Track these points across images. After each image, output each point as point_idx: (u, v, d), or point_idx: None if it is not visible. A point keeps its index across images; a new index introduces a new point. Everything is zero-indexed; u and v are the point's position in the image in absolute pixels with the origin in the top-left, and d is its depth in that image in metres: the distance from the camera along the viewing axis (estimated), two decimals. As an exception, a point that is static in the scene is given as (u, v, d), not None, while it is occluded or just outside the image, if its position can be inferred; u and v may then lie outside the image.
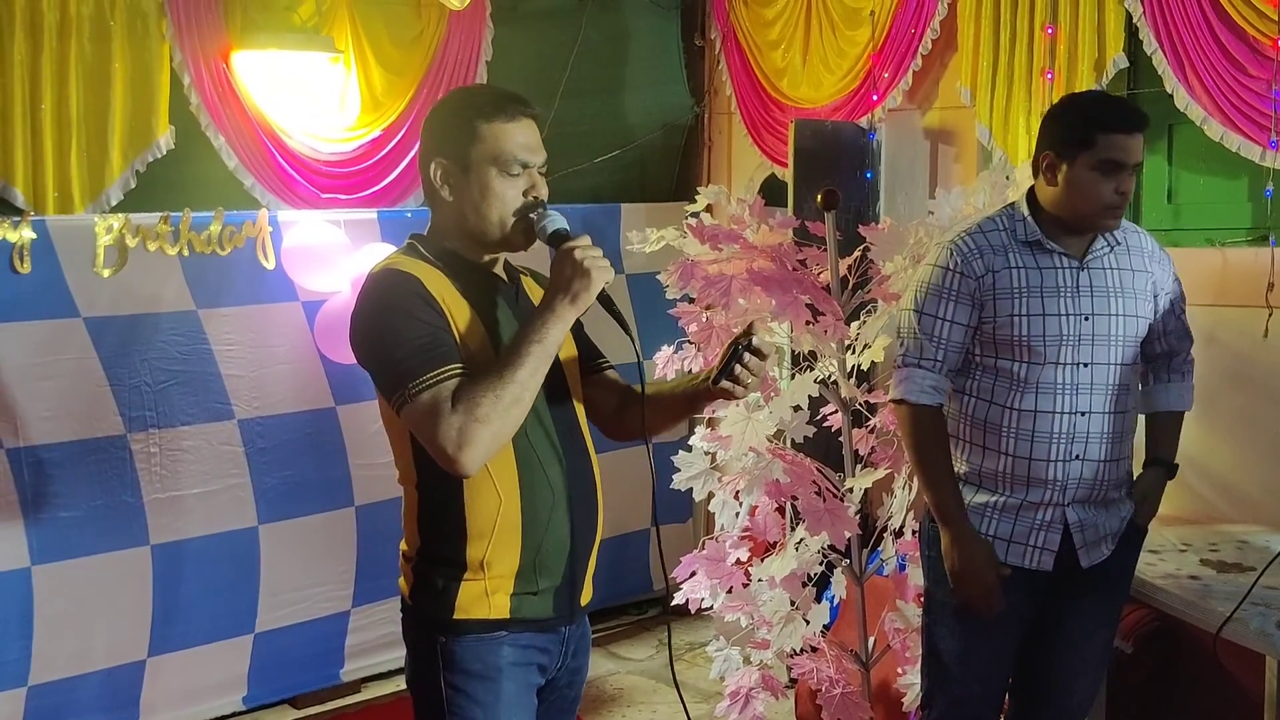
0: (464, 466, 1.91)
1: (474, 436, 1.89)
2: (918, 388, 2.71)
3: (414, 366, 1.92)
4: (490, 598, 2.05)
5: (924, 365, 2.71)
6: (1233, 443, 3.68)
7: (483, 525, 2.03)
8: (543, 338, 1.96)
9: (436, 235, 2.14)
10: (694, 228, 3.50)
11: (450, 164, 2.07)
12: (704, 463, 3.55)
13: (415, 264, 2.06)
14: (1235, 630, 2.70)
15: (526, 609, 2.08)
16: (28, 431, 3.72)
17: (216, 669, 4.16)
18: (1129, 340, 2.69)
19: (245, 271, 4.14)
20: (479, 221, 2.07)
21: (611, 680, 4.69)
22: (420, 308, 1.97)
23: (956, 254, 2.68)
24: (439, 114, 2.15)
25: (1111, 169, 2.56)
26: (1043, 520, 2.68)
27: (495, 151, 2.05)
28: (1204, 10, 3.60)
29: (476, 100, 2.12)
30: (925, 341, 2.71)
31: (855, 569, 3.60)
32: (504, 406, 1.91)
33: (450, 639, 2.06)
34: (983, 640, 2.77)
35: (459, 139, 2.06)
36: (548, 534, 2.09)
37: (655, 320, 3.92)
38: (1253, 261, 3.59)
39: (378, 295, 2.01)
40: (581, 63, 5.15)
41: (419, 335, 1.95)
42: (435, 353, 1.94)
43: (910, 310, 2.75)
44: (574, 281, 1.98)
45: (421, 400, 1.91)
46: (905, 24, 4.47)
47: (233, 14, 4.26)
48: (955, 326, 2.69)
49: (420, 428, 1.93)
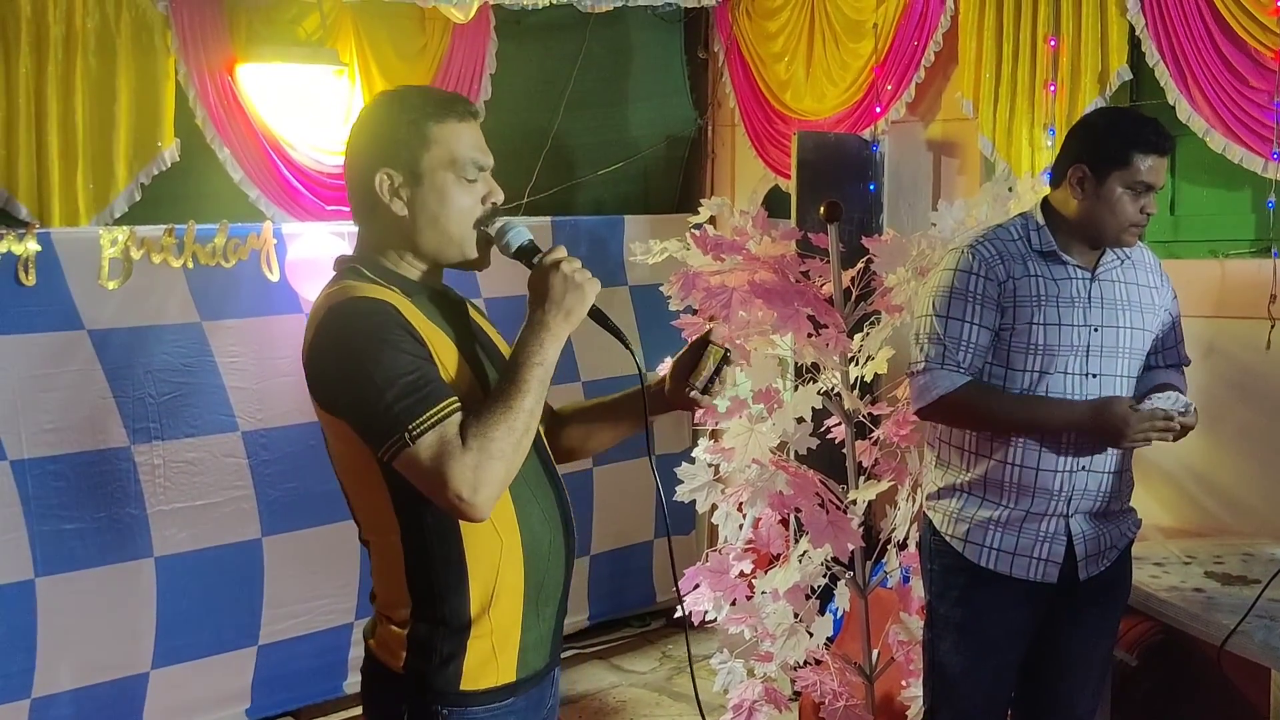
0: (479, 511, 1.71)
1: (490, 476, 1.70)
2: (946, 381, 2.64)
3: (409, 406, 1.70)
4: (498, 658, 1.86)
5: (946, 368, 2.66)
6: (1236, 455, 3.67)
7: (486, 571, 1.84)
8: (543, 360, 1.78)
9: (374, 254, 1.90)
10: (697, 239, 3.50)
11: (400, 173, 1.84)
12: (707, 475, 3.54)
13: (379, 289, 1.82)
14: (1240, 643, 2.69)
15: (530, 663, 1.91)
16: (32, 443, 3.72)
17: (220, 681, 4.15)
18: (1135, 353, 2.69)
19: (250, 284, 4.15)
20: (436, 236, 1.87)
21: (614, 693, 4.68)
22: (404, 339, 1.75)
23: (978, 257, 2.65)
24: (378, 119, 1.90)
25: (1142, 190, 2.59)
26: (1046, 532, 2.67)
27: (450, 155, 1.85)
28: (1206, 22, 3.60)
29: (420, 101, 1.89)
30: (948, 345, 2.65)
31: (859, 581, 3.60)
32: (516, 439, 1.73)
33: (455, 712, 1.84)
34: (985, 654, 2.76)
35: (408, 145, 1.85)
36: (549, 567, 1.92)
37: (658, 331, 3.93)
38: (1255, 273, 3.59)
39: (354, 329, 1.75)
40: (585, 75, 5.16)
41: (409, 370, 1.72)
42: (429, 388, 1.72)
43: (929, 316, 2.69)
44: (567, 296, 1.80)
45: (425, 443, 1.69)
46: (908, 36, 4.48)
47: (237, 27, 4.28)
48: (980, 330, 2.65)
49: (426, 475, 1.71)
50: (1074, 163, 2.64)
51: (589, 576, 5.05)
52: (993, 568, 2.70)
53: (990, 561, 2.70)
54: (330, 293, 1.84)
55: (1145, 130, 2.61)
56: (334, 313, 1.78)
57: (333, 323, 1.77)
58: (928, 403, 2.69)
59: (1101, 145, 2.62)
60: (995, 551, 2.70)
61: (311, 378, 1.81)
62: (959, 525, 2.73)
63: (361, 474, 1.83)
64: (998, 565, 2.70)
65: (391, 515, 1.83)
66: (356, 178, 1.89)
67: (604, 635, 5.12)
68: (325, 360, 1.78)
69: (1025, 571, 2.69)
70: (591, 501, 5.02)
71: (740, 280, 3.40)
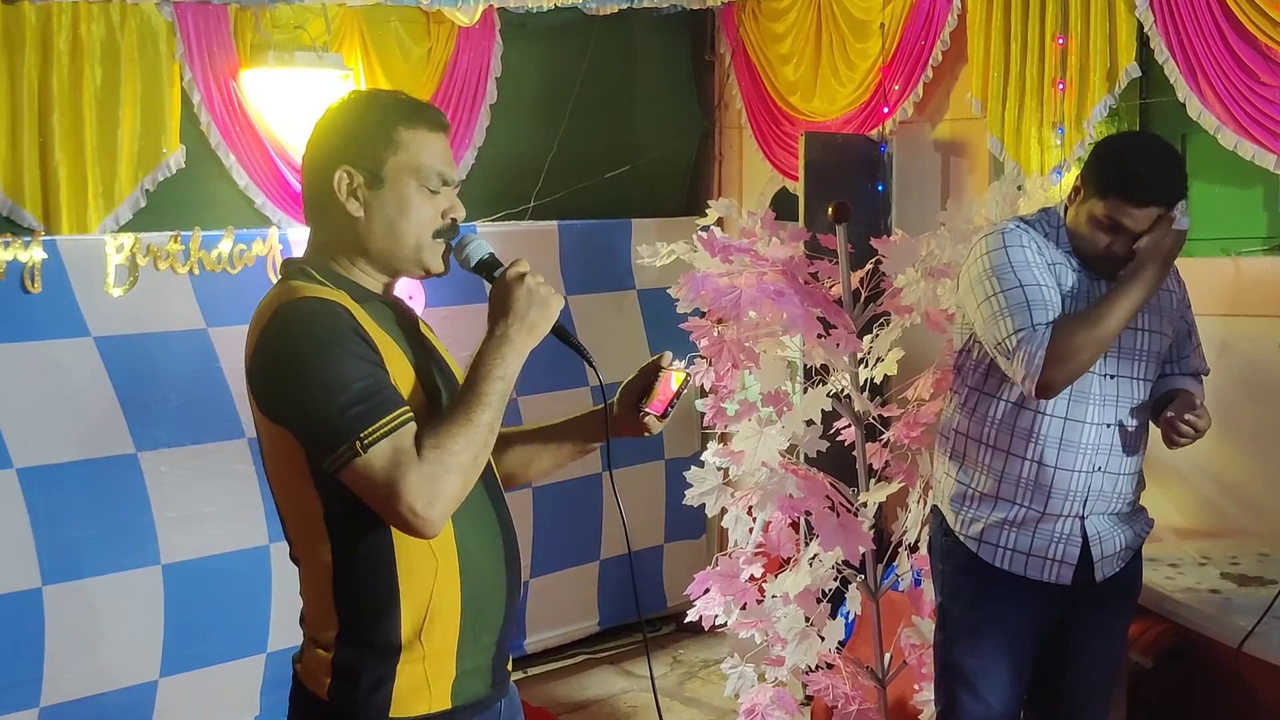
0: (433, 526, 1.65)
1: (445, 491, 1.64)
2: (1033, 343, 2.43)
3: (361, 413, 1.63)
4: (431, 686, 1.77)
5: (1038, 331, 2.45)
6: (1251, 454, 3.64)
7: (419, 592, 1.75)
8: (504, 374, 1.72)
9: (324, 258, 1.83)
10: (705, 241, 3.48)
11: (361, 174, 1.79)
12: (716, 478, 3.52)
13: (329, 292, 1.75)
14: (1257, 644, 2.67)
15: (468, 691, 1.82)
16: (38, 451, 3.71)
17: (229, 689, 4.13)
18: (1152, 355, 2.67)
19: (256, 290, 4.05)
20: (390, 241, 1.80)
21: (626, 698, 4.66)
22: (356, 344, 1.68)
23: (1024, 233, 2.58)
24: (345, 115, 1.85)
25: (1110, 226, 2.52)
26: (1061, 533, 2.65)
27: (416, 163, 1.80)
28: (1216, 18, 3.58)
29: (392, 104, 1.85)
30: (1035, 309, 2.46)
31: (870, 584, 3.57)
32: (474, 454, 1.68)
33: None
34: (998, 656, 2.74)
35: (374, 145, 1.79)
36: (488, 592, 1.83)
37: (666, 335, 3.91)
38: (1268, 271, 3.57)
39: (303, 331, 1.68)
40: (591, 78, 5.15)
41: (361, 376, 1.65)
42: (381, 395, 1.66)
43: (993, 294, 2.52)
44: (531, 310, 1.75)
45: (378, 452, 1.62)
46: (915, 36, 4.46)
47: (242, 33, 4.28)
48: (1049, 290, 2.51)
49: (376, 485, 1.63)
50: (1080, 173, 2.63)
51: (599, 582, 5.03)
52: (1007, 568, 2.68)
53: (1004, 562, 2.68)
54: (276, 294, 1.77)
55: (1131, 176, 2.50)
56: (281, 314, 1.71)
57: (280, 324, 1.71)
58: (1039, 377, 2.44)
59: (1092, 169, 2.59)
60: (1009, 552, 2.68)
61: (254, 382, 1.75)
62: (973, 525, 2.71)
63: (294, 486, 1.76)
64: (1011, 566, 2.68)
65: (322, 529, 1.75)
66: (314, 174, 1.83)
67: (614, 640, 5.10)
68: (270, 363, 1.71)
69: (1039, 572, 2.67)
70: (601, 507, 5.00)
71: (749, 282, 3.38)
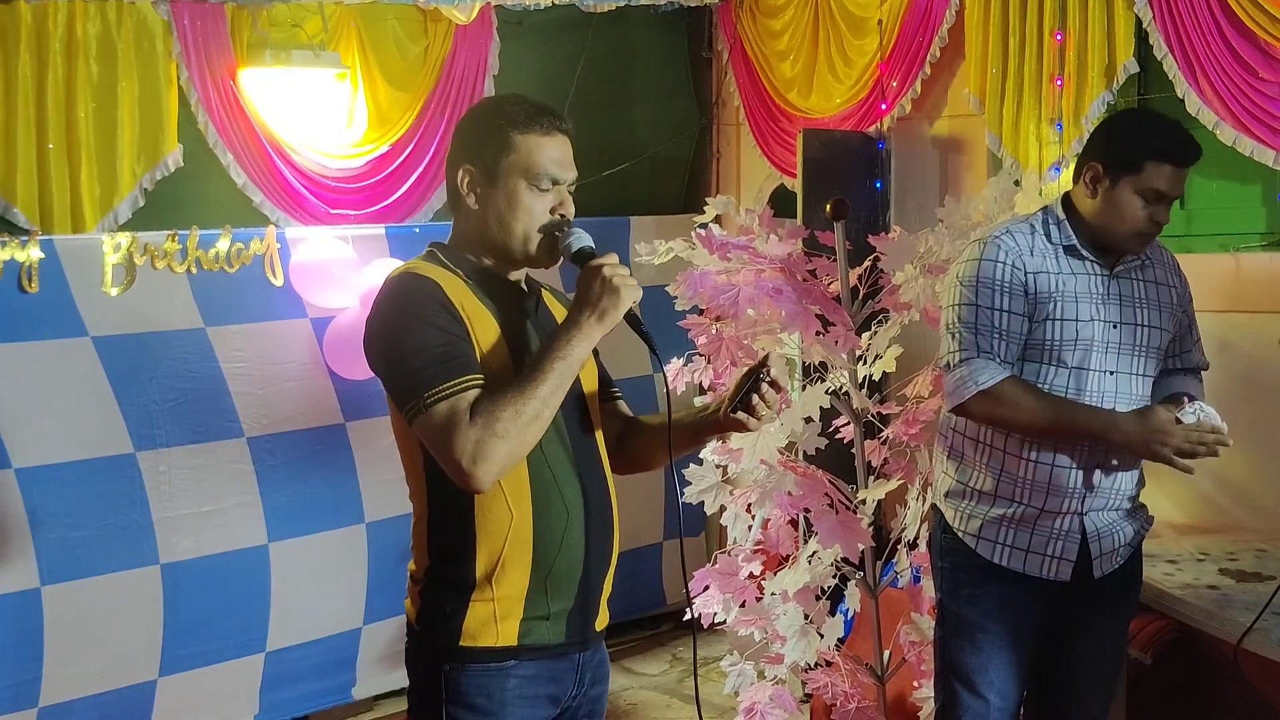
0: (478, 482, 1.86)
1: (490, 452, 1.84)
2: (984, 375, 2.56)
3: (431, 375, 1.87)
4: (499, 624, 1.98)
5: (982, 357, 2.59)
6: (1250, 450, 3.61)
7: (493, 541, 1.96)
8: (567, 354, 1.91)
9: (458, 244, 2.09)
10: (703, 238, 3.48)
11: (478, 171, 2.03)
12: (715, 476, 3.52)
13: (435, 269, 2.01)
14: (1256, 640, 2.66)
15: (536, 635, 2.01)
16: (36, 451, 3.71)
17: (228, 688, 4.14)
18: (1152, 351, 2.66)
19: (254, 288, 4.13)
20: (502, 233, 2.03)
21: (625, 695, 4.66)
22: (438, 314, 1.92)
23: (1003, 247, 2.61)
24: (472, 119, 2.10)
25: (1153, 198, 2.54)
26: (1060, 529, 2.65)
27: (526, 164, 2.01)
28: (1214, 14, 3.57)
29: (512, 109, 2.06)
30: (981, 333, 2.58)
31: (869, 582, 3.57)
32: (524, 423, 1.86)
33: (455, 668, 1.98)
34: (997, 652, 2.74)
35: (490, 147, 2.02)
36: (560, 553, 2.01)
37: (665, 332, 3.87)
38: (1267, 267, 3.57)
39: (395, 300, 1.95)
40: (588, 76, 5.15)
41: (437, 343, 1.89)
42: (453, 362, 1.88)
43: (958, 306, 2.62)
44: (602, 299, 1.93)
45: (437, 411, 1.85)
46: (913, 32, 4.45)
47: (239, 32, 4.27)
48: (1013, 317, 2.58)
49: (434, 440, 1.87)
50: (1090, 160, 2.61)
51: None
52: (1006, 565, 2.68)
53: (1003, 558, 2.68)
54: (394, 269, 2.04)
55: (1164, 138, 2.57)
56: (386, 286, 1.99)
57: (382, 295, 1.98)
58: (966, 397, 2.58)
59: (1116, 147, 2.58)
60: (1008, 548, 2.67)
61: (364, 342, 2.00)
62: (972, 521, 2.71)
63: (406, 438, 2.01)
64: (1010, 562, 2.67)
65: (421, 480, 2.00)
66: (448, 171, 2.09)
67: (614, 638, 5.09)
68: (371, 326, 1.98)
69: (1038, 569, 2.66)
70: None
71: (747, 279, 3.38)
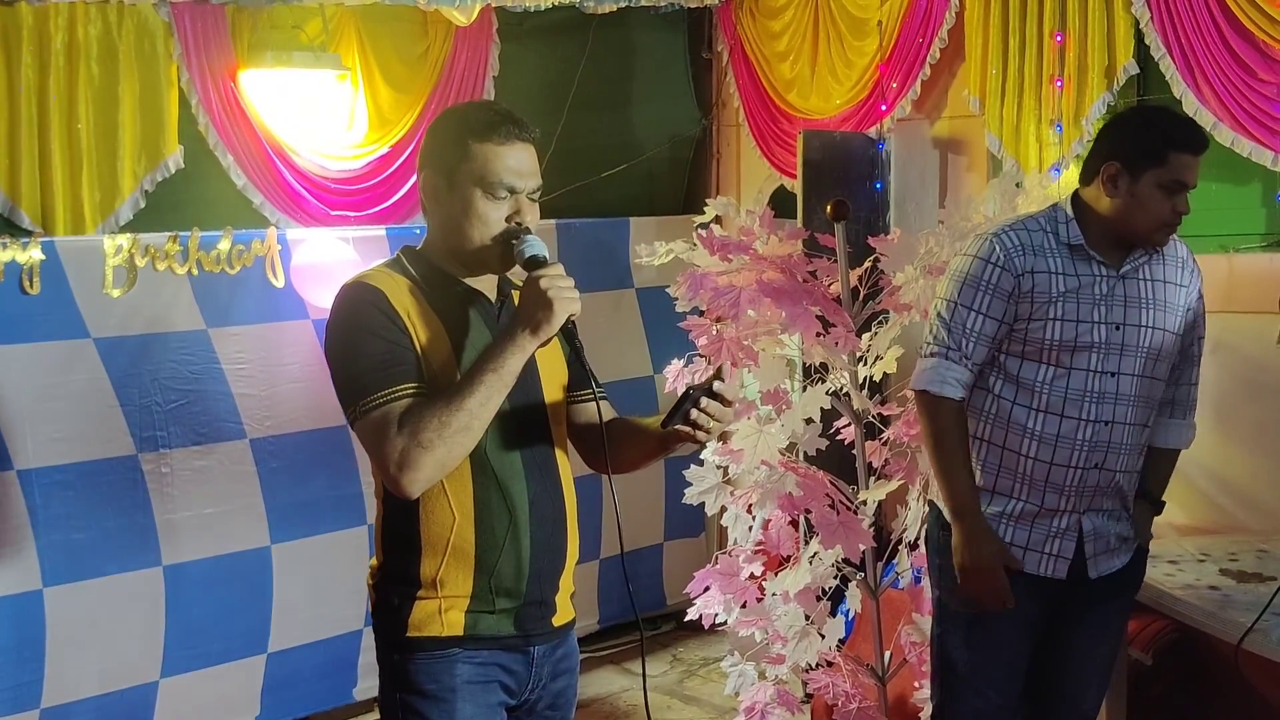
0: (406, 489, 1.93)
1: (415, 460, 1.91)
2: (941, 379, 2.66)
3: (368, 383, 1.94)
4: (444, 615, 2.04)
5: (950, 357, 2.65)
6: (1249, 450, 3.65)
7: (436, 543, 2.04)
8: (499, 366, 1.95)
9: (425, 248, 2.14)
10: (703, 239, 3.49)
11: (438, 178, 2.07)
12: (716, 477, 3.53)
13: (387, 277, 2.07)
14: (1257, 641, 2.67)
15: (484, 626, 2.07)
16: (38, 453, 3.71)
17: (229, 689, 4.14)
18: (1156, 353, 2.66)
19: (255, 290, 4.13)
20: (459, 239, 2.06)
21: (625, 696, 4.66)
22: (381, 323, 1.98)
23: (1000, 248, 2.63)
24: (436, 126, 2.15)
25: (1176, 189, 2.56)
26: (1058, 527, 2.66)
27: (482, 172, 2.03)
28: (1213, 15, 3.58)
29: (474, 117, 2.09)
30: (953, 330, 2.65)
31: (870, 582, 3.57)
32: (450, 434, 1.91)
33: (404, 657, 2.05)
34: (995, 649, 2.75)
35: (449, 154, 2.05)
36: (503, 555, 2.05)
37: (665, 334, 3.91)
38: (1265, 267, 3.57)
39: (340, 310, 2.03)
40: (589, 77, 5.14)
41: (377, 351, 1.96)
42: (392, 370, 1.95)
43: (943, 299, 2.69)
44: (537, 311, 1.95)
45: (371, 418, 1.93)
46: (913, 33, 4.46)
47: (240, 33, 4.27)
48: (988, 320, 2.63)
49: (368, 446, 1.96)
50: (1107, 160, 2.60)
51: (599, 580, 5.02)
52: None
53: (1000, 556, 2.69)
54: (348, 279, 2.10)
55: (1182, 128, 2.62)
56: (336, 296, 2.06)
57: (333, 305, 2.06)
58: (918, 388, 2.70)
59: (1137, 142, 2.59)
60: (1007, 545, 2.67)
61: None
62: (969, 519, 2.72)
63: None
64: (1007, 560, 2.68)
65: (378, 479, 2.08)
66: (417, 176, 2.14)
67: (614, 639, 5.10)
68: (325, 335, 2.07)
69: (1035, 567, 2.68)
70: (600, 506, 4.98)
71: (747, 280, 3.38)
